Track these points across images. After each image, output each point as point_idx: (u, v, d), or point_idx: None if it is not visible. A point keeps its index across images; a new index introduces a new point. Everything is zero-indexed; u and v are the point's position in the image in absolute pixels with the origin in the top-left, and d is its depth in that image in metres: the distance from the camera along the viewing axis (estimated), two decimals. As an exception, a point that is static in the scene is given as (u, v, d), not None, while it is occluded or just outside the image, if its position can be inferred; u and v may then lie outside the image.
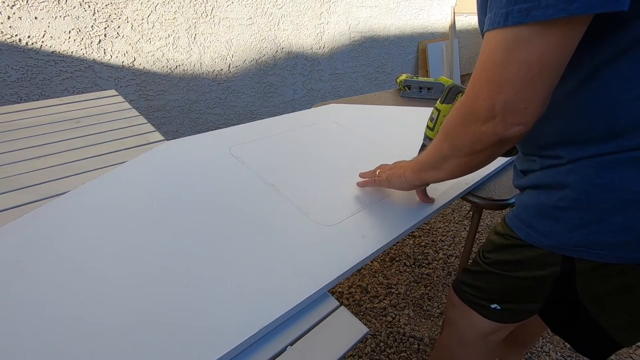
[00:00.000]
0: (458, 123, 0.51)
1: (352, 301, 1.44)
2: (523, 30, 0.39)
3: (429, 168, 0.62)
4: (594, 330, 0.58)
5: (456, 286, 0.76)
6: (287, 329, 0.50)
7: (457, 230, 1.85)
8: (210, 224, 0.65)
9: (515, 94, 0.42)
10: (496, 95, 0.43)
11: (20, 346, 0.44)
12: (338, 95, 2.83)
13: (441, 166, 0.59)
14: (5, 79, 1.51)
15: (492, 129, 0.45)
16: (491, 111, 0.44)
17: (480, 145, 0.49)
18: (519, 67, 0.40)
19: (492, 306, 0.68)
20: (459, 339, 0.79)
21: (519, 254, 0.60)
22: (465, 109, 0.49)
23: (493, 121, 0.45)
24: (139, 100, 1.88)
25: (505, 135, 0.45)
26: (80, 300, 0.50)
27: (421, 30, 3.20)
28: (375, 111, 1.21)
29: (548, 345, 1.30)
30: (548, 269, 0.57)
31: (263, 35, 2.19)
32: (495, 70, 0.42)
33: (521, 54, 0.40)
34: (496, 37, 0.42)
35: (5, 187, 0.72)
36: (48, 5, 1.48)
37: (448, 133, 0.54)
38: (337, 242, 0.63)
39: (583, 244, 0.51)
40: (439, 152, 0.58)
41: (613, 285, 0.53)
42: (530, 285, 0.61)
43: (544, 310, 0.63)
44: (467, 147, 0.51)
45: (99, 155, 0.85)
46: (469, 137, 0.49)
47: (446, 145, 0.55)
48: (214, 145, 0.91)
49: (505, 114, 0.43)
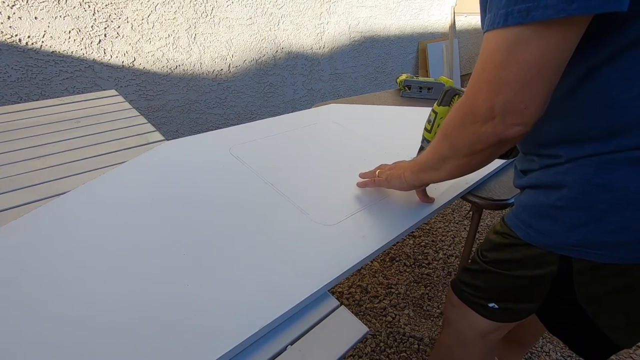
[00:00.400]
0: (457, 124, 0.51)
1: (352, 301, 1.44)
2: (523, 31, 0.39)
3: (428, 169, 0.62)
4: (591, 331, 0.58)
5: (455, 285, 0.76)
6: (287, 328, 0.50)
7: (457, 230, 1.85)
8: (211, 223, 0.65)
9: (514, 94, 0.42)
10: (496, 95, 0.43)
11: (20, 346, 0.44)
12: (338, 95, 2.83)
13: (440, 167, 0.59)
14: (5, 79, 1.51)
15: (491, 129, 0.45)
16: (491, 112, 0.44)
17: (479, 146, 0.49)
18: (518, 67, 0.40)
19: (490, 305, 0.68)
20: (458, 338, 0.79)
21: (517, 253, 0.60)
22: (464, 110, 0.49)
23: (492, 122, 0.45)
24: (139, 100, 1.88)
25: (504, 135, 0.45)
26: (80, 300, 0.50)
27: (421, 30, 3.20)
28: (375, 111, 1.21)
29: (548, 345, 1.30)
30: (546, 268, 0.57)
31: (263, 35, 2.19)
32: (495, 71, 0.42)
33: (521, 55, 0.40)
34: (496, 38, 0.42)
35: (5, 187, 0.72)
36: (48, 5, 1.49)
37: (447, 133, 0.54)
38: (337, 242, 0.63)
39: (581, 244, 0.51)
40: (438, 153, 0.58)
41: (611, 286, 0.53)
42: (528, 284, 0.61)
43: (541, 309, 0.63)
44: (467, 148, 0.51)
45: (99, 155, 0.85)
46: (469, 137, 0.49)
47: (445, 145, 0.55)
48: (214, 145, 0.91)
49: (505, 114, 0.43)
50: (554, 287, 0.58)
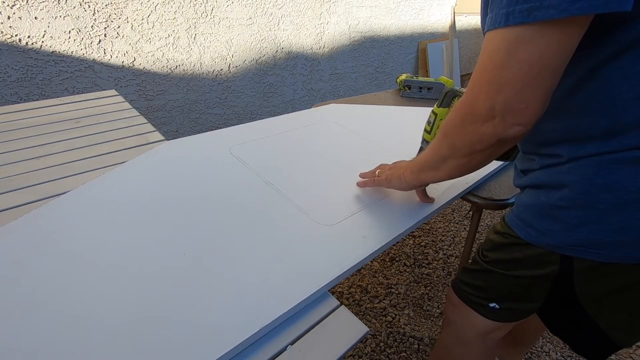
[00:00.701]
0: (457, 123, 0.51)
1: (352, 301, 1.44)
2: (524, 31, 0.39)
3: (428, 169, 0.62)
4: (592, 331, 0.58)
5: (455, 285, 0.76)
6: (287, 328, 0.50)
7: (457, 230, 1.85)
8: (211, 223, 0.65)
9: (515, 94, 0.42)
10: (496, 95, 0.43)
11: (20, 346, 0.44)
12: (338, 95, 2.83)
13: (440, 167, 0.59)
14: (5, 79, 1.51)
15: (491, 129, 0.45)
16: (491, 111, 0.44)
17: (479, 146, 0.49)
18: (519, 67, 0.40)
19: (490, 305, 0.68)
20: (458, 338, 0.79)
21: (518, 252, 0.60)
22: (464, 110, 0.49)
23: (493, 121, 0.45)
24: (139, 100, 1.88)
25: (504, 135, 0.45)
26: (80, 300, 0.50)
27: (421, 30, 3.20)
28: (375, 111, 1.21)
29: (548, 345, 1.30)
30: (547, 268, 0.57)
31: (263, 35, 2.19)
32: (496, 71, 0.42)
33: (521, 54, 0.40)
34: (497, 38, 0.42)
35: (5, 187, 0.72)
36: (48, 5, 1.48)
37: (447, 133, 0.54)
38: (337, 242, 0.63)
39: (582, 244, 0.51)
40: (437, 153, 0.58)
41: (611, 285, 0.53)
42: (529, 284, 0.61)
43: (542, 309, 0.63)
44: (467, 148, 0.51)
45: (99, 155, 0.85)
46: (469, 137, 0.49)
47: (445, 145, 0.55)
48: (214, 145, 0.91)
49: (505, 114, 0.43)
50: (555, 287, 0.58)
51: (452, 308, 0.78)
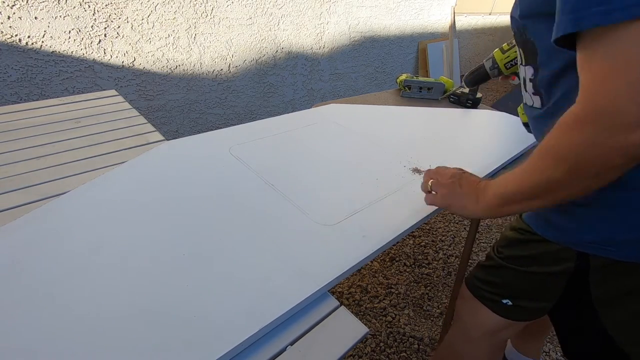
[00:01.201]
0: (586, 141, 0.42)
1: (352, 301, 1.44)
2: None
3: (522, 199, 0.51)
4: (598, 338, 0.58)
5: (469, 281, 0.76)
6: (287, 328, 0.50)
7: (457, 230, 1.85)
8: (210, 223, 0.65)
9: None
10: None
11: (20, 346, 0.44)
12: (338, 95, 2.83)
13: (544, 195, 0.48)
14: (5, 79, 1.51)
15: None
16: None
17: (619, 160, 0.41)
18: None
19: (504, 301, 0.68)
20: (465, 336, 0.79)
21: (533, 249, 0.60)
22: (597, 125, 0.41)
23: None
24: (139, 100, 1.89)
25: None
26: (80, 300, 0.50)
27: (421, 30, 3.21)
28: (375, 111, 1.21)
29: (548, 345, 1.30)
30: (562, 264, 0.57)
31: (263, 35, 2.19)
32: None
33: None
34: (630, 32, 0.36)
35: (5, 187, 0.72)
36: (48, 5, 1.49)
37: (563, 157, 0.45)
38: (337, 242, 0.63)
39: (599, 241, 0.51)
40: (545, 180, 0.47)
41: (627, 286, 0.52)
42: (543, 281, 0.61)
43: (554, 309, 0.63)
44: (598, 166, 0.42)
45: (99, 155, 0.85)
46: (605, 152, 0.41)
47: (560, 171, 0.45)
48: (214, 145, 0.91)
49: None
50: (570, 286, 0.58)
51: (462, 302, 0.77)
